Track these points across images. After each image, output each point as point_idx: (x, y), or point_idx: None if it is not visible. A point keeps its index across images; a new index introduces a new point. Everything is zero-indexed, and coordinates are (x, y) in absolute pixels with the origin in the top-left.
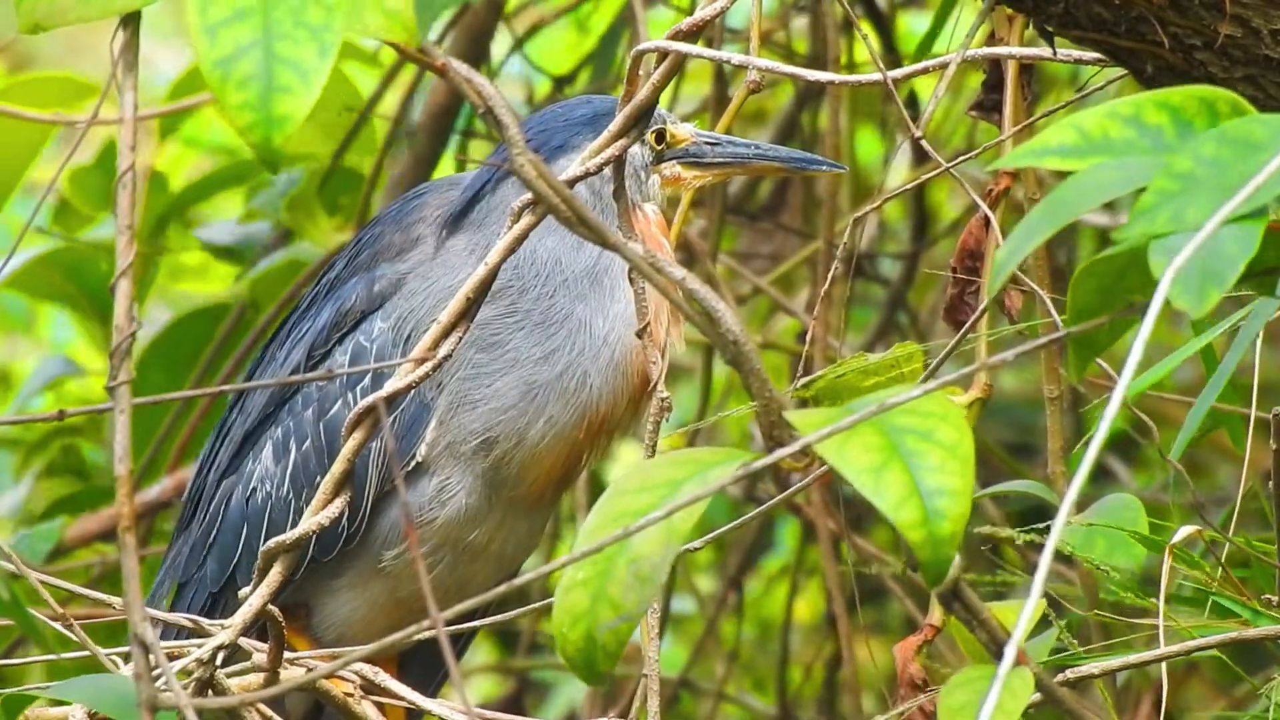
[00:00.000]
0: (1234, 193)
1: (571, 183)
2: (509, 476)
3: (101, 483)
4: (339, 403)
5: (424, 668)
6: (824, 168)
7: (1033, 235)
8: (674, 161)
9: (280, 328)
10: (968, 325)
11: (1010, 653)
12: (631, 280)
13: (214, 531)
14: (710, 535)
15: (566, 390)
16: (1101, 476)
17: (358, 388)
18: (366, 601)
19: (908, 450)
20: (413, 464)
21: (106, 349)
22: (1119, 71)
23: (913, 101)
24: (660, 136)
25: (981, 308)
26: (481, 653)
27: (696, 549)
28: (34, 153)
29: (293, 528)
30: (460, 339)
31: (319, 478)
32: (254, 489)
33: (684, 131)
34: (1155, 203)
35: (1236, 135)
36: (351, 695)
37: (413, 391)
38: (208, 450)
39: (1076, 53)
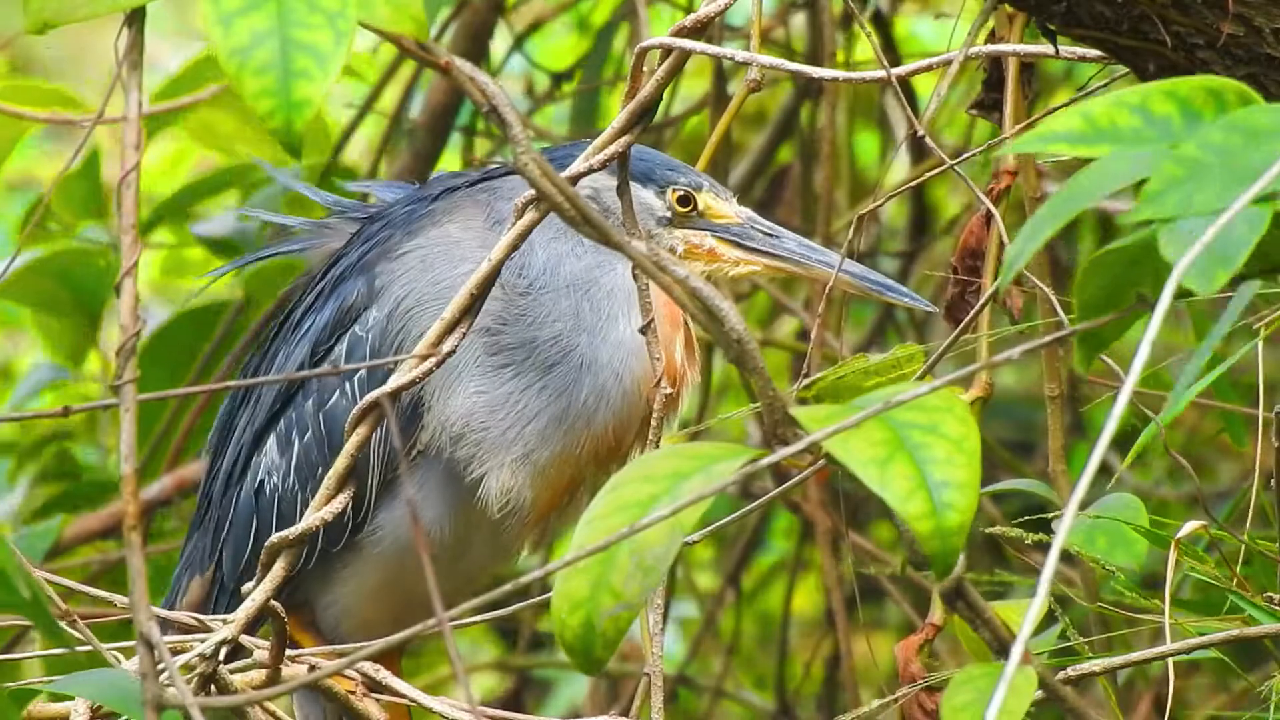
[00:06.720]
0: (1243, 178)
1: (574, 180)
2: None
3: (95, 477)
4: (336, 393)
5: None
6: (907, 300)
7: (1042, 229)
8: (708, 233)
9: (283, 323)
10: (965, 323)
11: (1017, 652)
12: (635, 278)
13: (226, 528)
14: (708, 529)
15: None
16: (1102, 472)
17: (355, 377)
18: (389, 587)
19: (913, 444)
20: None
21: (97, 352)
22: (1120, 70)
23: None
24: (686, 200)
25: (982, 301)
26: (483, 650)
27: (694, 542)
28: (11, 144)
29: (299, 519)
30: (464, 335)
31: (320, 469)
32: (261, 482)
33: (728, 209)
34: (1162, 188)
35: (1244, 124)
36: (354, 692)
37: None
38: (214, 447)
39: (1079, 50)
